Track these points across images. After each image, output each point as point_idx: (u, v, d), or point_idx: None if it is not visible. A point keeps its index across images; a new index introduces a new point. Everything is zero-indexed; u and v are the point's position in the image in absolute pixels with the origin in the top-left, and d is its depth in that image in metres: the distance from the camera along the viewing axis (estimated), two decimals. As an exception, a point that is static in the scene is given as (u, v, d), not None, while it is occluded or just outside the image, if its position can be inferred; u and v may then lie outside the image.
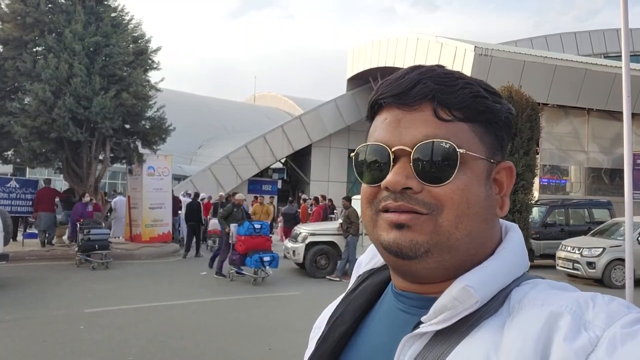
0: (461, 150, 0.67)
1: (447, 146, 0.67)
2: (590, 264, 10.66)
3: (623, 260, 10.39)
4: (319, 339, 0.81)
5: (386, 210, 0.69)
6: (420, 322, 0.67)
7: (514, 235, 0.74)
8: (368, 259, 0.89)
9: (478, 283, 0.65)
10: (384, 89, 0.71)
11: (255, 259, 9.78)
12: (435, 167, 0.66)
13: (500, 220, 0.76)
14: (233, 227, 10.45)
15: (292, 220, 14.89)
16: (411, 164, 0.67)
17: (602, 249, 10.71)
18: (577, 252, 11.04)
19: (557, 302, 0.61)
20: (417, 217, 0.67)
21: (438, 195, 0.67)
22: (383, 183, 0.68)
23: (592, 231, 12.64)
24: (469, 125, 0.70)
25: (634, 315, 0.58)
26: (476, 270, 0.67)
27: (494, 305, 0.66)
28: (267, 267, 9.96)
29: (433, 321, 0.65)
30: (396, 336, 0.69)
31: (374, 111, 0.75)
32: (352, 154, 0.75)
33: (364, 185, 0.73)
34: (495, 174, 0.72)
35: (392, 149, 0.68)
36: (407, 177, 0.67)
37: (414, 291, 0.73)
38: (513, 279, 0.69)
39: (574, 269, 11.04)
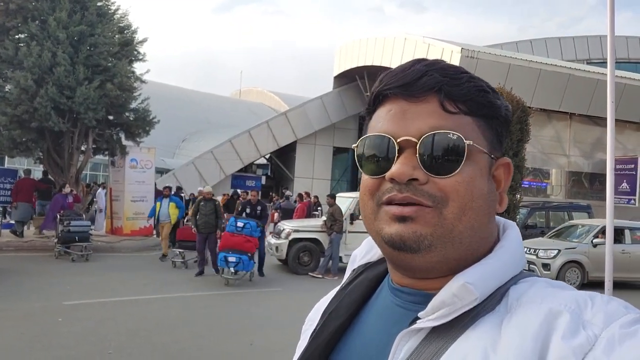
0: (468, 142, 0.67)
1: (455, 137, 0.66)
2: (546, 266, 10.76)
3: (577, 262, 10.75)
4: (312, 333, 0.80)
5: (389, 202, 0.68)
6: (417, 318, 0.66)
7: (512, 232, 0.73)
8: (363, 252, 0.88)
9: (477, 280, 0.65)
10: (389, 79, 0.70)
11: (221, 258, 9.35)
12: (442, 158, 0.66)
13: (498, 217, 0.76)
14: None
15: (290, 216, 14.78)
16: (417, 155, 0.66)
17: (557, 251, 10.82)
18: (533, 253, 11.14)
19: (556, 300, 0.61)
20: (421, 210, 0.66)
21: (443, 187, 0.66)
22: (388, 174, 0.67)
23: (549, 233, 12.78)
24: (473, 119, 0.70)
25: (633, 316, 0.58)
26: (475, 267, 0.67)
27: (491, 302, 0.65)
28: (232, 269, 9.29)
29: (431, 317, 0.65)
30: (392, 331, 0.69)
31: (376, 103, 0.74)
32: (354, 145, 0.73)
33: (365, 177, 0.71)
34: (494, 170, 0.72)
35: (398, 140, 0.67)
36: (414, 168, 0.66)
37: (412, 287, 0.72)
38: (510, 277, 0.69)
39: (529, 270, 11.10)
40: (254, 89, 53.22)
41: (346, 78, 28.27)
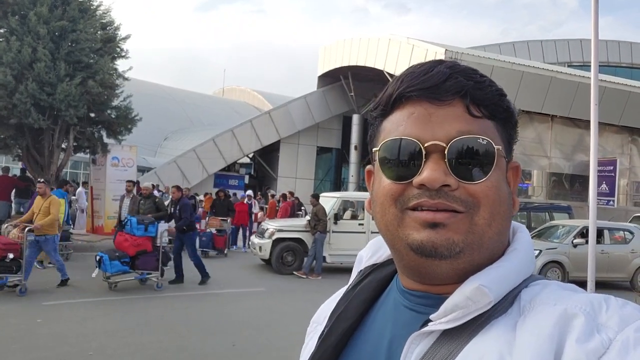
0: (498, 147, 0.66)
1: (485, 142, 0.66)
2: None
3: (558, 262, 10.90)
4: (321, 335, 0.79)
5: (416, 208, 0.65)
6: (428, 320, 0.65)
7: (523, 235, 0.73)
8: (369, 254, 0.86)
9: (492, 283, 0.63)
10: (411, 81, 0.68)
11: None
12: (472, 163, 0.65)
13: None
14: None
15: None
16: (446, 160, 0.65)
17: (538, 251, 10.93)
18: None
19: (570, 302, 0.60)
20: (453, 216, 0.64)
21: (474, 192, 0.65)
22: (419, 180, 0.65)
23: (530, 233, 12.92)
24: (493, 123, 0.69)
25: None
26: (489, 270, 0.65)
27: (503, 305, 0.65)
28: (97, 269, 8.20)
29: (443, 320, 0.64)
30: (401, 333, 0.68)
31: (393, 105, 0.71)
32: (375, 149, 0.71)
33: (387, 182, 0.69)
34: (506, 172, 0.72)
35: (425, 145, 0.65)
36: (445, 173, 0.64)
37: (424, 290, 0.71)
38: (522, 280, 0.68)
39: None
40: (237, 88, 52.88)
41: (330, 78, 28.26)
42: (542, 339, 0.57)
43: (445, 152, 0.65)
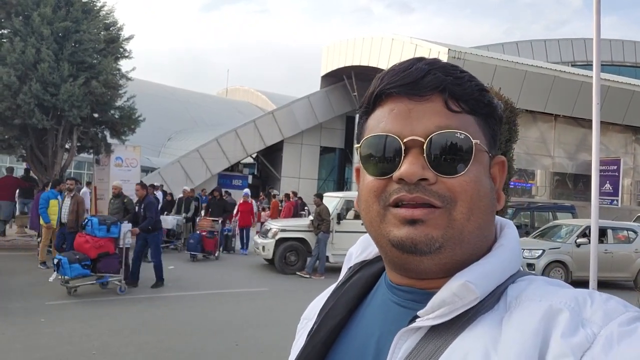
0: (475, 141, 0.67)
1: (462, 137, 0.66)
2: (530, 266, 10.85)
3: (561, 262, 10.89)
4: (310, 332, 0.79)
5: (397, 203, 0.66)
6: (416, 316, 0.66)
7: (510, 231, 0.73)
8: (359, 251, 0.87)
9: (478, 279, 0.64)
10: (391, 78, 0.69)
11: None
12: (450, 157, 0.66)
13: (495, 216, 0.76)
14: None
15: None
16: (424, 154, 0.66)
17: (541, 251, 10.93)
18: None
19: (555, 298, 0.61)
20: (431, 212, 0.65)
21: (452, 186, 0.66)
22: (397, 174, 0.66)
23: (533, 233, 12.90)
24: (474, 118, 0.70)
25: (631, 314, 0.58)
26: (476, 266, 0.66)
27: (490, 301, 0.65)
28: (55, 273, 7.82)
29: (430, 316, 0.64)
30: (390, 329, 0.69)
31: (375, 102, 0.72)
32: (357, 146, 0.72)
33: (370, 179, 0.70)
34: (491, 168, 0.72)
35: (404, 140, 0.66)
36: (423, 167, 0.65)
37: (411, 285, 0.71)
38: (509, 276, 0.68)
39: None
40: (240, 88, 52.88)
41: (333, 78, 28.28)
42: (527, 335, 0.58)
43: (424, 146, 0.66)
